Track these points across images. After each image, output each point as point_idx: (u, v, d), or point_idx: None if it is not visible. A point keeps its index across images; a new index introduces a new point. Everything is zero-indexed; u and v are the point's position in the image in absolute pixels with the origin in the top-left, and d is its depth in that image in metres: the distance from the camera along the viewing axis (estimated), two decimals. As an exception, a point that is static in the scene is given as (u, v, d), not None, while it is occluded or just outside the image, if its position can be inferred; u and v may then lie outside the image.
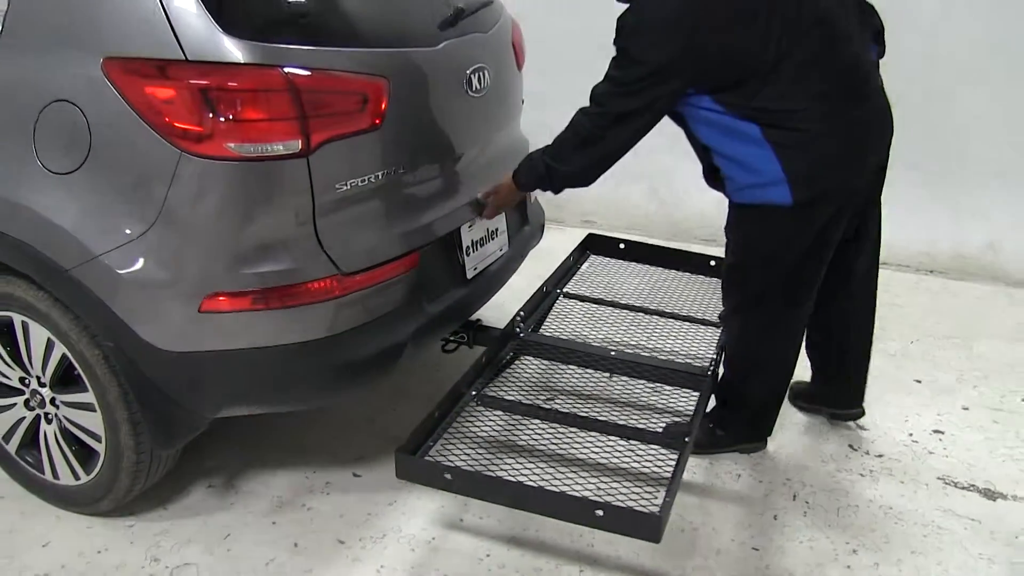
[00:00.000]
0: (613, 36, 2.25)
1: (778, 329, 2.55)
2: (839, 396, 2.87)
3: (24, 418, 2.37)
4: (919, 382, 3.24)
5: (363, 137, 2.14)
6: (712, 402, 2.70)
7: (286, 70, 1.97)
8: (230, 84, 1.92)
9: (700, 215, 4.54)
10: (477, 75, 2.55)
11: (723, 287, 2.64)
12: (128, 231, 1.99)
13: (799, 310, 2.53)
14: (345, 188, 2.13)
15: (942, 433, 2.91)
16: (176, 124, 1.91)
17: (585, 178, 2.42)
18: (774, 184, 2.25)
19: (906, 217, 4.25)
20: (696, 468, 2.68)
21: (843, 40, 2.27)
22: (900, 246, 4.27)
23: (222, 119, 1.91)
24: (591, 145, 2.33)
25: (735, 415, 2.71)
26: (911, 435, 2.89)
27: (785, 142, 2.21)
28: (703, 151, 2.42)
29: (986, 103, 4.10)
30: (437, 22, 2.47)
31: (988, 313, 3.90)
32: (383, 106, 2.17)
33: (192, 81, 1.90)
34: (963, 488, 2.63)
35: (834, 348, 2.78)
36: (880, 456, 2.77)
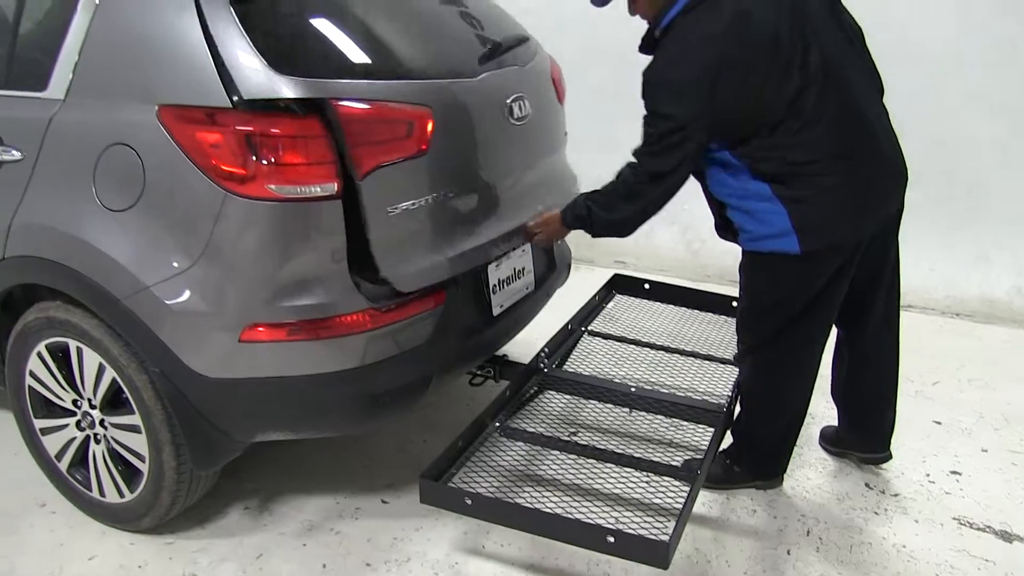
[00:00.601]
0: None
1: (789, 369, 2.62)
2: (865, 441, 2.91)
3: (75, 438, 2.53)
4: (939, 423, 3.28)
5: (410, 163, 2.29)
6: (729, 438, 2.77)
7: (339, 102, 2.14)
8: (272, 130, 2.08)
9: (727, 258, 4.58)
10: (518, 104, 2.70)
11: (737, 328, 2.72)
12: (176, 264, 2.15)
13: (809, 351, 2.59)
14: (396, 211, 2.27)
15: (959, 474, 2.94)
16: (222, 166, 2.08)
17: (622, 228, 2.54)
18: (783, 235, 2.34)
19: (932, 260, 4.30)
20: (712, 503, 2.75)
21: (857, 90, 2.34)
22: (925, 289, 4.32)
23: (264, 162, 2.07)
24: (630, 200, 2.45)
25: (751, 452, 2.78)
26: (928, 475, 2.93)
27: (796, 197, 2.30)
28: (718, 206, 2.52)
29: (1013, 145, 4.14)
30: (476, 57, 2.65)
31: (1013, 357, 3.92)
32: (428, 133, 2.33)
33: (237, 127, 2.07)
34: (979, 529, 2.66)
35: (858, 393, 2.82)
36: (896, 495, 2.82)
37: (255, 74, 2.08)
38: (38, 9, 2.46)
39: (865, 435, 2.90)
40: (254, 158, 2.07)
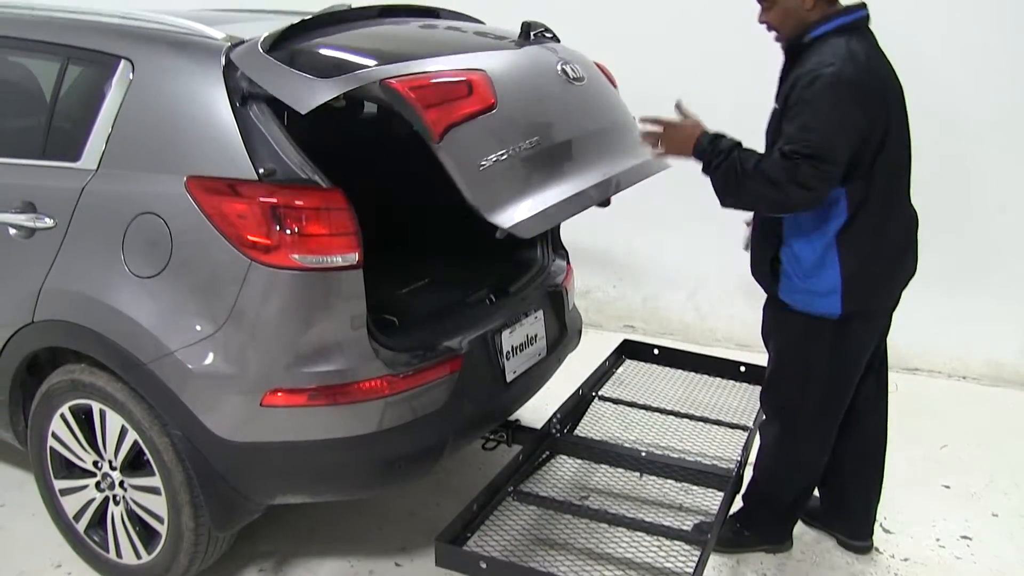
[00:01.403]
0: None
1: (813, 438, 2.63)
2: (845, 525, 2.88)
3: (94, 499, 2.56)
4: (948, 487, 3.29)
5: (483, 119, 2.31)
6: (739, 502, 2.79)
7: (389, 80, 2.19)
8: (296, 202, 2.16)
9: (735, 323, 4.67)
10: (570, 67, 2.77)
11: (764, 394, 2.73)
12: (200, 330, 2.21)
13: (835, 417, 2.62)
14: (488, 163, 2.25)
15: (970, 539, 2.95)
16: (247, 236, 2.16)
17: (741, 198, 2.36)
18: (828, 294, 2.39)
19: (936, 322, 4.31)
20: (722, 566, 2.76)
21: (908, 141, 2.44)
22: (931, 352, 4.33)
23: (288, 232, 2.15)
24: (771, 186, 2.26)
25: (762, 516, 2.80)
26: (938, 540, 2.94)
27: (856, 252, 2.35)
28: (772, 240, 2.48)
29: (1015, 203, 4.18)
30: (513, 40, 2.81)
31: (1022, 420, 3.92)
32: (490, 89, 2.36)
33: (262, 199, 2.15)
34: (990, 596, 2.67)
35: (840, 475, 2.79)
36: (906, 560, 2.82)
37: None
38: (75, 83, 2.56)
39: (846, 519, 2.86)
40: (278, 228, 2.14)
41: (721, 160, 2.32)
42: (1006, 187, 4.19)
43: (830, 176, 2.23)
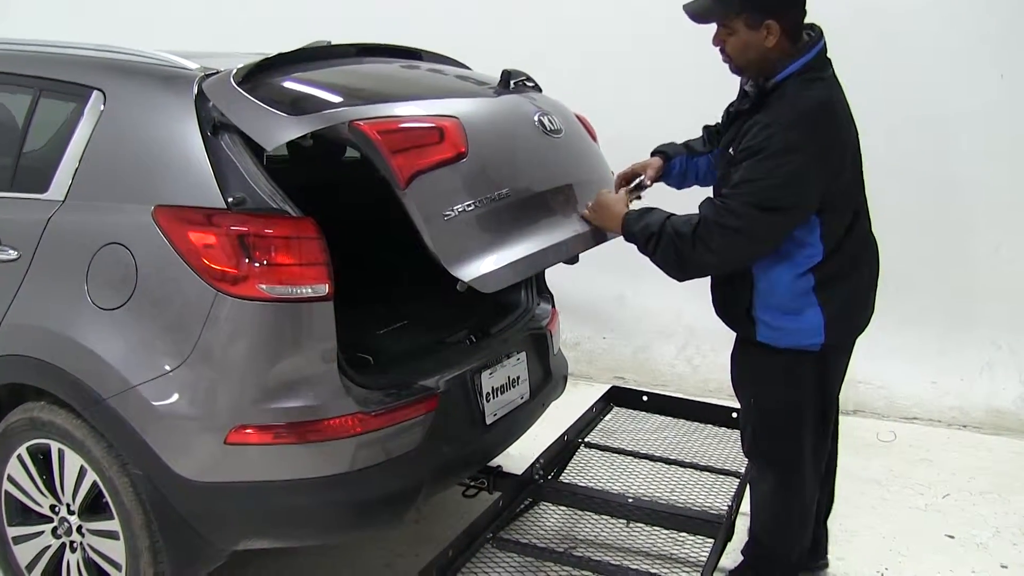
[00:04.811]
0: None
1: (809, 479, 2.51)
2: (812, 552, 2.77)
3: (50, 546, 2.43)
4: (952, 537, 3.16)
5: (453, 168, 2.26)
6: (735, 556, 2.67)
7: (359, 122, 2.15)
8: (266, 231, 2.10)
9: (728, 372, 4.55)
10: (547, 118, 2.70)
11: (750, 447, 2.59)
12: (164, 364, 2.13)
13: (823, 454, 2.55)
14: (452, 214, 2.20)
15: (977, 592, 2.83)
16: (214, 265, 2.09)
17: (685, 268, 2.35)
18: (809, 330, 2.32)
19: (933, 371, 4.24)
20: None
21: (862, 175, 2.41)
22: (929, 400, 4.23)
23: (256, 263, 2.08)
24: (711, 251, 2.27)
25: (771, 573, 2.64)
26: (944, 593, 2.81)
27: (835, 289, 2.32)
28: (743, 284, 2.40)
29: (1007, 244, 4.15)
30: (492, 88, 2.76)
31: (1025, 470, 3.81)
32: (462, 137, 2.30)
33: (231, 227, 2.09)
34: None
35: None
36: (912, 613, 2.70)
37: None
38: (47, 114, 2.53)
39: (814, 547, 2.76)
40: (246, 258, 2.08)
41: (654, 242, 2.31)
42: (1000, 228, 4.15)
43: (776, 225, 2.21)
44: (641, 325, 4.84)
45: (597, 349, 4.94)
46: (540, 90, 2.99)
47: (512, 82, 2.81)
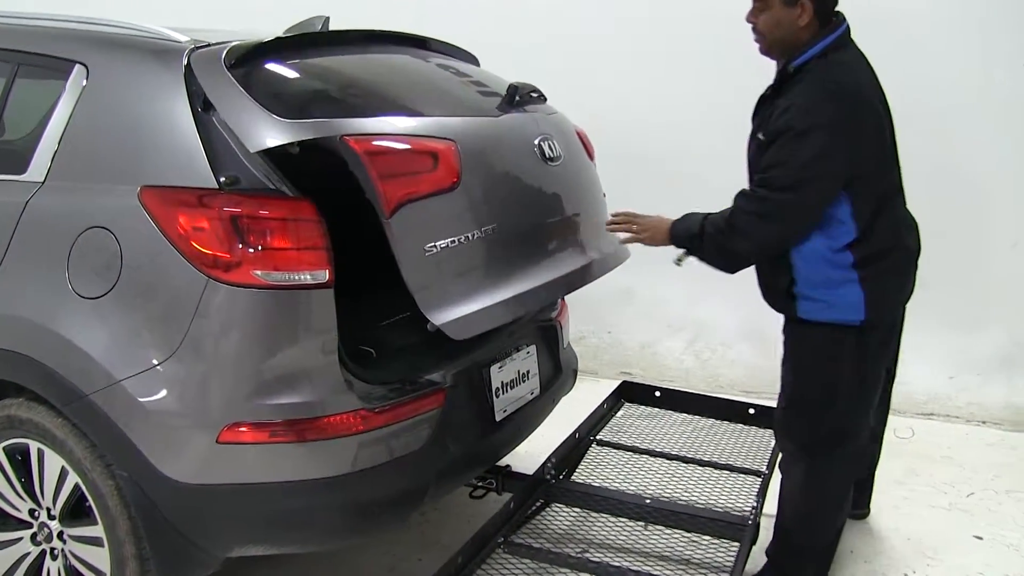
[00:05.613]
0: None
1: (846, 464, 2.46)
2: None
3: (29, 553, 2.28)
4: (980, 538, 3.02)
5: (443, 198, 2.16)
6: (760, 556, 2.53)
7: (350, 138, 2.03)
8: (260, 212, 1.96)
9: (737, 368, 4.45)
10: (548, 144, 2.59)
11: (782, 428, 2.54)
12: (151, 357, 1.98)
13: (861, 443, 2.47)
14: (435, 249, 2.12)
15: (1012, 595, 2.69)
16: (205, 250, 1.94)
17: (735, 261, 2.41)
18: (850, 305, 2.31)
19: (951, 366, 4.15)
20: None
21: (896, 146, 2.43)
22: (947, 397, 4.15)
23: (250, 247, 1.94)
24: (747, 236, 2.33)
25: (800, 570, 2.54)
26: (980, 596, 2.68)
27: (867, 257, 2.30)
28: (783, 266, 2.39)
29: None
30: (495, 104, 2.61)
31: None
32: (457, 165, 2.20)
33: (225, 209, 1.94)
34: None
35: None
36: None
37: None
38: (25, 90, 2.38)
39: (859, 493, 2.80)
40: (240, 242, 1.93)
41: (698, 242, 2.39)
42: (1017, 224, 4.07)
43: (804, 205, 2.25)
44: (648, 319, 4.71)
45: (602, 344, 4.81)
46: (545, 99, 2.87)
47: (518, 97, 2.67)
